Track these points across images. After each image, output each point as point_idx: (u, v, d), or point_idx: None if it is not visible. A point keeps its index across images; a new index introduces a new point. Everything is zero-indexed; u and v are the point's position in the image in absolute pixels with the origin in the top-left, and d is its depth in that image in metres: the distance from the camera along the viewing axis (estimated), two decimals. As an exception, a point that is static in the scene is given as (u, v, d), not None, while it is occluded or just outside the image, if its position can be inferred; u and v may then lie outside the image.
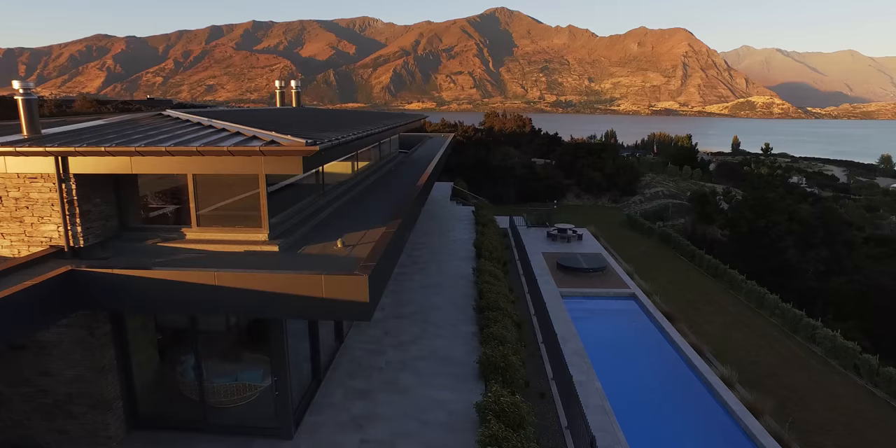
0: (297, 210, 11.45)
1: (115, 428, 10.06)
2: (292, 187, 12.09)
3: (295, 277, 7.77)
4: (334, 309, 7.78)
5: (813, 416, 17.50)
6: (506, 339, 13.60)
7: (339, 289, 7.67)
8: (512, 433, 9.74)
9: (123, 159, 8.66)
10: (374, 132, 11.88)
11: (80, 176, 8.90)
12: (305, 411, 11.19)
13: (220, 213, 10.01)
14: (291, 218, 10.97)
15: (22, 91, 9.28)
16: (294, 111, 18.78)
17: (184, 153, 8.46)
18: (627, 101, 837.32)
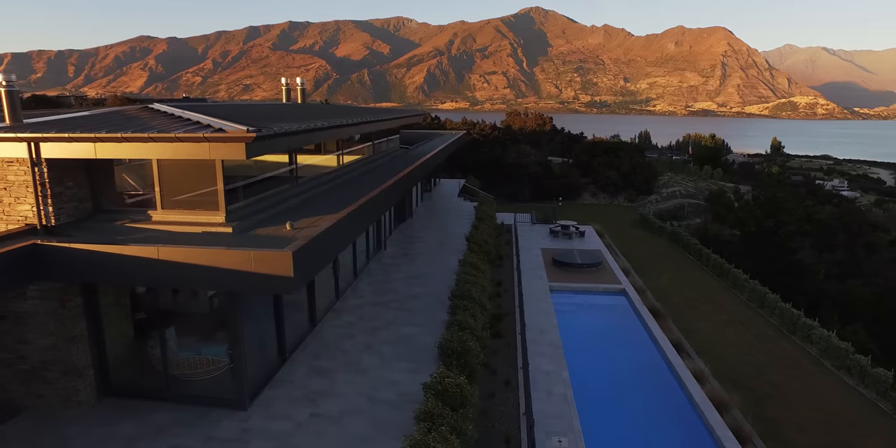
0: (262, 197, 12.13)
1: (86, 394, 10.90)
2: (261, 177, 12.82)
3: (228, 253, 8.43)
4: (262, 282, 8.42)
5: (792, 414, 17.39)
6: (469, 326, 14.04)
7: (267, 264, 8.30)
8: (449, 411, 10.21)
9: (87, 145, 9.45)
10: (331, 125, 12.48)
11: (51, 160, 9.74)
12: (265, 386, 11.87)
13: (182, 198, 10.75)
14: (255, 204, 11.66)
15: (5, 84, 10.18)
16: (281, 106, 19.56)
17: (138, 139, 9.20)
18: (664, 101, 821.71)
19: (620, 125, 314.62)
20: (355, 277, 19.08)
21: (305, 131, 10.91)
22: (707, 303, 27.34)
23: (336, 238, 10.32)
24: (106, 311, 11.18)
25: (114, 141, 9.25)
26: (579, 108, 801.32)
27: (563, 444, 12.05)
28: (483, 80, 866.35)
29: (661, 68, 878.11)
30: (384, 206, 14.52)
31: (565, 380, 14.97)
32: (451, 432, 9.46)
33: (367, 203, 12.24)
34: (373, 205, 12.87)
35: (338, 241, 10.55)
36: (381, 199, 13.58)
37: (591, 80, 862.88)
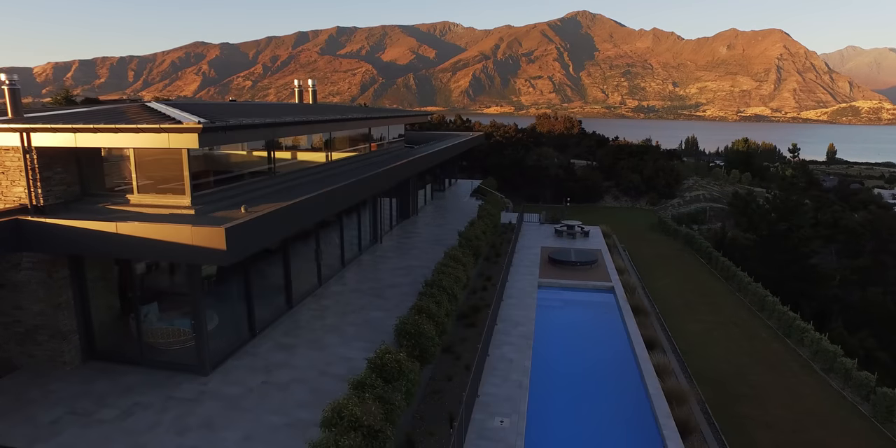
0: (234, 186, 13.36)
1: (71, 356, 12.31)
2: (236, 170, 14.10)
3: (172, 227, 9.62)
4: (201, 253, 9.56)
5: (763, 413, 17.51)
6: (430, 311, 14.89)
7: (204, 238, 9.44)
8: (382, 382, 11.11)
9: (69, 135, 10.82)
10: (288, 122, 13.60)
11: (40, 148, 11.17)
12: (230, 356, 13.05)
13: (156, 184, 12.06)
14: (225, 192, 12.87)
15: (8, 82, 11.73)
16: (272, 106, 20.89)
17: (108, 130, 10.51)
18: (714, 106, 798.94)
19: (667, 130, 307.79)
20: (343, 267, 20.20)
21: (258, 126, 12.06)
22: (706, 304, 27.29)
23: (278, 222, 11.39)
24: (92, 285, 12.59)
25: (88, 131, 10.59)
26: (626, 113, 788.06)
27: (504, 424, 12.76)
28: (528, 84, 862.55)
29: (711, 72, 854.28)
30: (343, 201, 15.49)
31: (525, 368, 15.60)
32: (376, 400, 10.34)
33: (318, 197, 13.30)
34: (327, 198, 13.90)
35: (280, 225, 11.61)
36: (338, 195, 14.57)
37: (639, 85, 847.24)
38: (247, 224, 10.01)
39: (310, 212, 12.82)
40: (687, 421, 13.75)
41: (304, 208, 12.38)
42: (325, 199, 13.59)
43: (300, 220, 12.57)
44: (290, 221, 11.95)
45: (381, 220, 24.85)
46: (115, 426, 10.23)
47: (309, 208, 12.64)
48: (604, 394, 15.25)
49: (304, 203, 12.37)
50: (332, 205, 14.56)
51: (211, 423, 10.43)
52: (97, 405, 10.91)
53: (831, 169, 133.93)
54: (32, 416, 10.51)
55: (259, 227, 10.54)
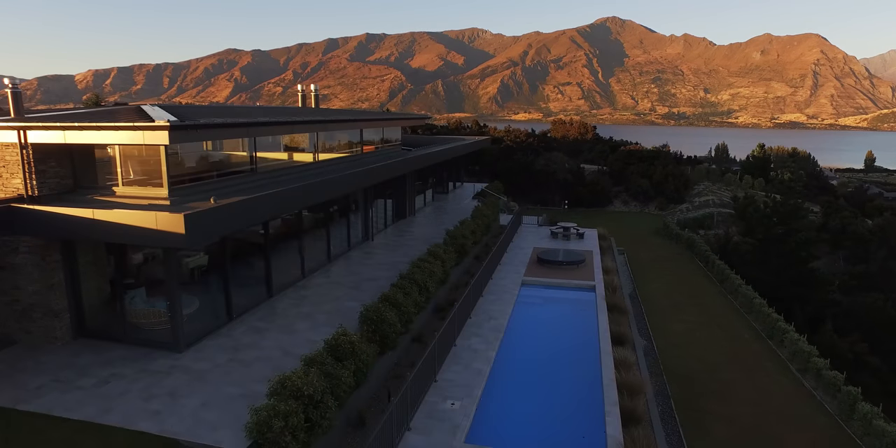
0: (213, 181, 14.57)
1: (62, 332, 13.62)
2: (219, 168, 15.33)
3: (141, 214, 10.82)
4: (164, 237, 10.72)
5: (725, 408, 17.91)
6: (396, 301, 15.84)
7: (167, 223, 10.61)
8: (333, 361, 12.10)
9: (59, 132, 12.14)
10: (257, 122, 14.77)
11: (35, 144, 12.52)
12: (206, 336, 14.21)
13: (139, 178, 13.32)
14: (203, 186, 14.09)
15: (11, 86, 13.16)
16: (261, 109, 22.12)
17: (91, 128, 11.79)
18: (747, 113, 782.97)
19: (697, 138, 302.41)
20: (329, 261, 21.30)
21: (229, 125, 13.23)
22: (694, 305, 27.59)
23: (238, 213, 12.50)
24: (84, 269, 13.91)
25: (74, 129, 11.89)
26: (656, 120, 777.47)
27: (454, 407, 13.62)
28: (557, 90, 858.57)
29: (744, 78, 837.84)
30: (308, 199, 16.42)
31: (489, 358, 16.43)
32: (322, 375, 11.33)
33: (280, 193, 14.38)
34: (288, 196, 14.93)
35: (241, 216, 12.72)
36: (298, 193, 15.55)
37: (669, 91, 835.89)
38: (205, 212, 11.16)
39: (270, 206, 13.89)
40: (635, 410, 14.31)
41: (264, 202, 13.49)
42: (287, 196, 14.66)
43: (260, 213, 13.65)
44: (250, 213, 13.06)
45: (374, 220, 25.93)
46: (90, 392, 11.43)
47: (268, 203, 13.73)
48: (561, 383, 15.91)
49: (264, 198, 13.50)
50: (294, 202, 15.56)
51: (175, 392, 11.56)
52: (79, 375, 12.15)
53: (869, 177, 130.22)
54: (21, 382, 11.79)
55: (218, 216, 11.69)
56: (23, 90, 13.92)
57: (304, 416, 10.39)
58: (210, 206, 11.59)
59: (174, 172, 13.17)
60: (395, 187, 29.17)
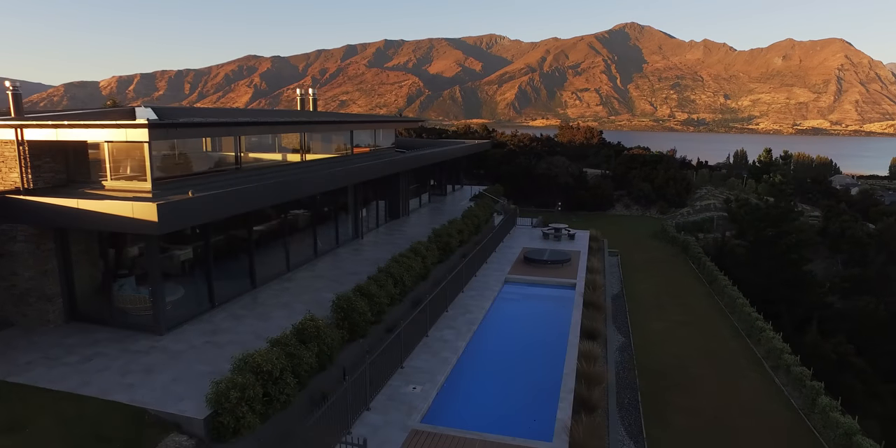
0: (196, 177, 15.63)
1: (55, 315, 14.72)
2: (204, 165, 16.41)
3: (119, 203, 11.85)
4: (139, 225, 11.74)
5: (690, 401, 18.42)
6: (369, 292, 16.73)
7: (141, 212, 11.63)
8: (297, 342, 13.01)
9: (52, 130, 13.28)
10: (240, 122, 15.81)
11: (31, 141, 13.68)
12: (187, 321, 15.23)
13: (126, 173, 14.42)
14: (186, 180, 15.13)
15: (12, 88, 14.37)
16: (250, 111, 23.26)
17: (79, 126, 12.90)
18: (768, 119, 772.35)
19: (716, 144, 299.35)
20: (315, 257, 22.28)
21: (208, 124, 14.28)
22: (679, 305, 28.02)
23: (209, 205, 13.48)
24: (77, 258, 15.03)
25: (65, 127, 13.02)
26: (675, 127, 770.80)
27: (415, 391, 14.44)
28: (575, 97, 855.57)
29: (765, 84, 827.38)
30: (277, 196, 17.22)
31: (458, 348, 17.22)
32: (284, 355, 12.23)
33: (248, 189, 15.34)
34: (258, 192, 15.86)
35: (212, 208, 13.69)
36: (269, 190, 16.46)
37: (689, 97, 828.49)
38: (176, 203, 12.18)
39: (239, 201, 14.84)
40: (590, 399, 14.88)
41: (234, 197, 14.48)
42: (257, 192, 15.62)
43: (231, 207, 14.60)
44: (220, 206, 14.04)
45: (364, 219, 26.88)
46: (74, 368, 12.47)
47: (238, 198, 14.69)
48: (525, 373, 16.59)
49: (234, 193, 14.51)
50: (265, 198, 16.36)
51: (150, 369, 12.55)
52: (66, 353, 13.21)
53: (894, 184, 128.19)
54: (13, 358, 12.88)
55: (189, 207, 12.71)
56: (50, 96, 15.14)
57: (263, 391, 11.31)
58: (182, 198, 12.60)
59: (159, 169, 14.26)
60: (388, 188, 30.14)
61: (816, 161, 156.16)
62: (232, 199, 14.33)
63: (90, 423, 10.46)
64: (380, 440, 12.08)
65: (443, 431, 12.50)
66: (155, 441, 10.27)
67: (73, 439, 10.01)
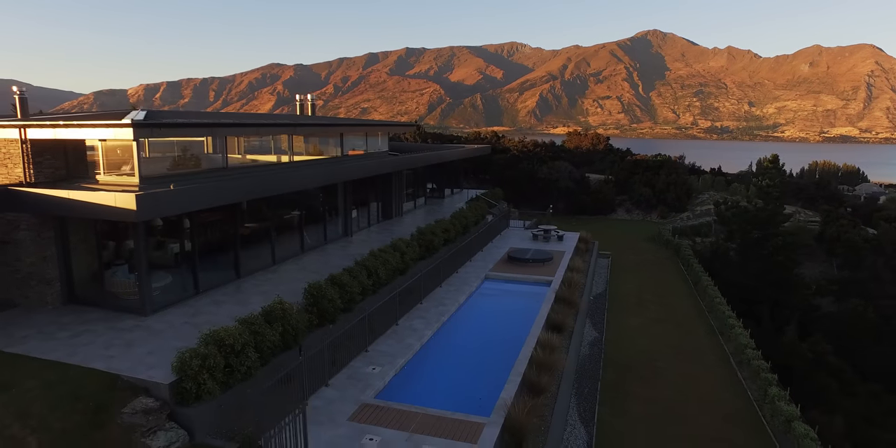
0: (183, 175, 17.13)
1: (53, 298, 16.25)
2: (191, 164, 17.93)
3: (103, 194, 13.31)
4: (121, 212, 13.20)
5: (649, 391, 19.28)
6: (341, 281, 17.99)
7: (122, 201, 13.08)
8: (263, 322, 14.30)
9: (50, 130, 14.87)
10: (221, 123, 17.27)
11: (33, 140, 15.29)
12: (171, 306, 16.64)
13: (118, 169, 15.96)
14: (173, 177, 16.62)
15: (18, 92, 16.05)
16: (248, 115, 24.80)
17: (74, 126, 14.45)
18: (794, 127, 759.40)
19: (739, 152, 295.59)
20: (302, 252, 23.65)
21: (190, 125, 15.77)
22: (659, 304, 28.75)
23: (183, 197, 14.89)
24: (74, 246, 16.58)
25: (61, 127, 14.59)
26: (698, 134, 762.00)
27: (374, 371, 15.65)
28: (596, 104, 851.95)
29: (791, 91, 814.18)
30: (249, 192, 18.51)
31: (423, 335, 18.40)
32: (248, 332, 13.53)
33: (220, 184, 16.78)
34: (230, 187, 17.24)
35: (185, 200, 15.10)
36: (241, 186, 17.81)
37: (712, 105, 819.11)
38: (152, 194, 13.62)
39: (212, 195, 16.23)
40: (538, 383, 15.77)
41: (207, 191, 15.92)
42: (230, 187, 17.00)
43: (203, 200, 15.96)
44: (194, 199, 15.44)
45: (354, 218, 28.24)
46: (63, 341, 13.92)
47: (211, 192, 16.12)
48: (483, 359, 17.63)
49: (207, 187, 15.97)
50: (237, 193, 17.60)
51: (131, 343, 13.95)
52: (58, 329, 14.69)
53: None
54: (12, 333, 14.38)
55: (164, 199, 14.16)
56: (80, 103, 16.88)
57: (225, 362, 12.60)
58: (160, 190, 14.05)
59: (149, 167, 15.80)
60: (381, 190, 31.49)
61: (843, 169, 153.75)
62: (206, 192, 15.77)
63: (70, 386, 11.86)
64: (332, 411, 13.30)
65: (390, 405, 13.66)
66: (125, 402, 11.62)
67: (53, 398, 11.40)
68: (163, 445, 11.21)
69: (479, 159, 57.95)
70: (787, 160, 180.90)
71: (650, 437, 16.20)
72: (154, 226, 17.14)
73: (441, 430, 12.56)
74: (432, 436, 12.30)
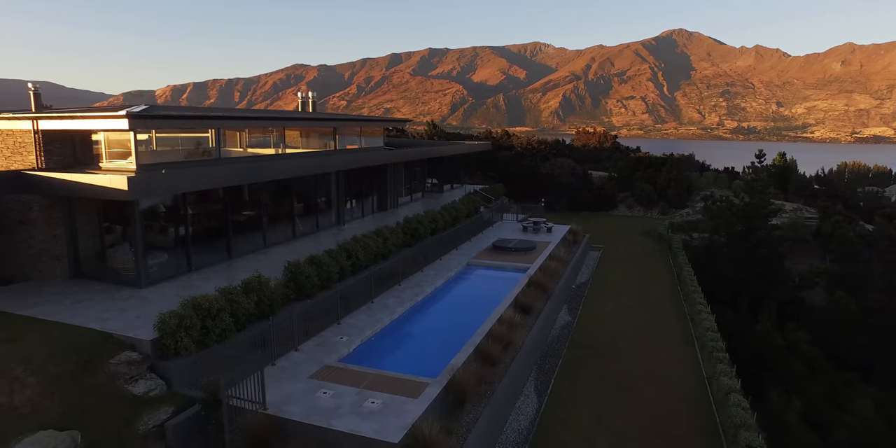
0: (179, 163, 19.02)
1: (61, 272, 18.27)
2: (188, 154, 19.82)
3: (101, 176, 15.21)
4: (114, 193, 15.07)
5: (606, 368, 20.44)
6: (320, 261, 19.71)
7: (116, 183, 14.96)
8: (241, 292, 16.07)
9: (58, 121, 16.87)
10: (214, 116, 19.10)
11: (44, 130, 17.31)
12: (166, 280, 18.56)
13: (118, 156, 17.91)
14: (168, 165, 18.52)
15: (33, 88, 18.11)
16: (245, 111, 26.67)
17: (77, 118, 16.39)
18: (824, 127, 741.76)
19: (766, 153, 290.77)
20: (294, 237, 25.46)
21: (182, 117, 17.66)
22: (638, 293, 29.82)
23: (171, 180, 16.74)
24: (81, 226, 18.60)
25: (67, 119, 16.55)
26: (724, 135, 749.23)
27: (342, 340, 17.29)
28: (620, 105, 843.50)
29: (822, 91, 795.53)
30: (231, 179, 20.23)
31: (395, 312, 19.96)
32: (225, 299, 15.30)
33: (203, 171, 18.54)
34: (213, 174, 18.99)
35: (173, 183, 16.96)
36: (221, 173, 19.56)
37: (739, 105, 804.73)
38: (142, 177, 15.49)
39: (196, 179, 18.07)
40: (491, 354, 17.14)
41: (192, 175, 17.76)
42: (212, 173, 18.78)
43: (188, 183, 17.82)
44: (180, 182, 17.30)
45: (347, 207, 30.00)
46: (67, 307, 15.88)
47: (195, 177, 17.96)
48: (445, 333, 19.11)
49: (193, 172, 17.80)
50: (221, 179, 19.41)
51: (125, 309, 15.84)
52: (64, 298, 16.67)
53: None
54: (24, 300, 16.40)
55: (153, 181, 16.02)
56: (111, 104, 18.96)
57: (201, 324, 14.39)
58: (150, 174, 15.92)
59: (147, 156, 17.74)
60: (377, 182, 33.23)
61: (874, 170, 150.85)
62: (191, 177, 17.64)
63: (68, 340, 13.75)
64: (296, 371, 14.97)
65: (349, 367, 15.30)
66: (113, 354, 13.46)
67: (52, 349, 13.29)
68: (142, 392, 13.01)
69: (485, 156, 59.52)
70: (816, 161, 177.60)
71: (593, 405, 17.49)
72: (157, 212, 19.14)
73: (389, 387, 14.13)
74: (379, 392, 13.87)
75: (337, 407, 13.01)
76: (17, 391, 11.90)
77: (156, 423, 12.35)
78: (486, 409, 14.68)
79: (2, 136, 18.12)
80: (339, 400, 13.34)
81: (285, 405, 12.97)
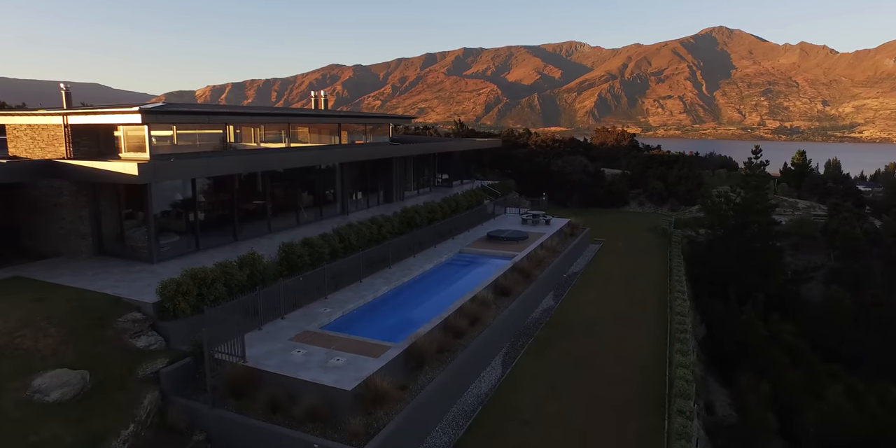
0: (188, 153, 21.42)
1: (86, 249, 20.85)
2: (199, 146, 22.22)
3: (114, 163, 17.65)
4: (128, 177, 17.45)
5: (572, 346, 21.88)
6: (312, 243, 21.83)
7: (128, 169, 17.34)
8: (236, 265, 18.27)
9: (83, 117, 19.41)
10: (218, 111, 21.37)
11: (72, 125, 19.90)
12: (176, 257, 20.93)
13: (135, 147, 20.40)
14: (177, 156, 20.92)
15: (64, 88, 20.76)
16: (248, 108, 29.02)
17: (98, 113, 18.88)
18: (874, 127, 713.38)
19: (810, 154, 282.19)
20: (298, 224, 27.71)
21: (191, 112, 20.03)
22: (626, 282, 31.00)
23: (180, 167, 19.08)
24: (104, 209, 21.17)
25: (89, 114, 19.06)
26: (765, 135, 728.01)
27: (326, 311, 19.33)
28: (657, 104, 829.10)
29: (872, 89, 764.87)
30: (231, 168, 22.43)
31: (379, 291, 21.94)
32: (220, 271, 17.52)
33: (206, 161, 20.85)
34: (216, 163, 21.27)
35: (179, 170, 19.30)
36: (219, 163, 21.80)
37: (781, 104, 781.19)
38: (151, 164, 17.84)
39: (200, 168, 20.41)
40: (456, 326, 18.72)
41: (196, 164, 20.09)
42: (216, 163, 21.07)
43: (193, 171, 20.17)
44: (185, 170, 19.65)
45: (354, 200, 32.14)
46: (87, 277, 18.37)
47: (199, 166, 20.29)
48: (422, 309, 20.88)
49: (197, 161, 20.12)
50: (223, 168, 21.65)
51: (135, 279, 18.23)
52: (86, 270, 19.19)
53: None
54: (54, 272, 18.96)
55: (160, 168, 18.36)
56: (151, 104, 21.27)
57: (197, 291, 16.62)
58: (159, 162, 18.29)
59: (161, 148, 20.20)
60: (383, 176, 35.32)
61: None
62: (194, 165, 19.98)
63: (84, 301, 16.16)
64: (279, 334, 17.07)
65: (325, 333, 17.34)
66: (121, 314, 15.80)
67: (71, 308, 15.71)
68: (144, 345, 15.29)
69: (502, 153, 61.16)
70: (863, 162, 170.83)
71: (553, 377, 19.05)
72: (174, 200, 21.62)
73: (355, 348, 16.09)
74: (346, 352, 15.84)
75: (306, 362, 15.04)
76: (41, 338, 14.30)
77: (153, 370, 14.60)
78: (443, 373, 16.47)
79: (38, 130, 20.84)
80: (309, 357, 15.37)
81: (262, 360, 15.08)
